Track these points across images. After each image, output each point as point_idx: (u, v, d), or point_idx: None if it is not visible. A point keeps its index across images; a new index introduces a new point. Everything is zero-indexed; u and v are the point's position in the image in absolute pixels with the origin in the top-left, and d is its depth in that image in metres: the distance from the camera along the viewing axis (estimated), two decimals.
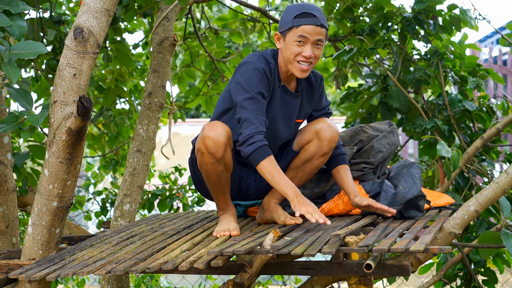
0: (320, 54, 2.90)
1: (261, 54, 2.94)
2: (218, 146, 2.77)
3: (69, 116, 2.59)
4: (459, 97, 4.28)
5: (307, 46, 2.85)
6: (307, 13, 2.84)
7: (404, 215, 3.01)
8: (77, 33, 2.58)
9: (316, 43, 2.86)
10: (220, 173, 2.86)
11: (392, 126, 3.42)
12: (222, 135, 2.78)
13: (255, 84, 2.82)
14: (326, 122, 3.00)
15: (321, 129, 2.98)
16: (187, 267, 2.37)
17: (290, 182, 2.73)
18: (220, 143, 2.78)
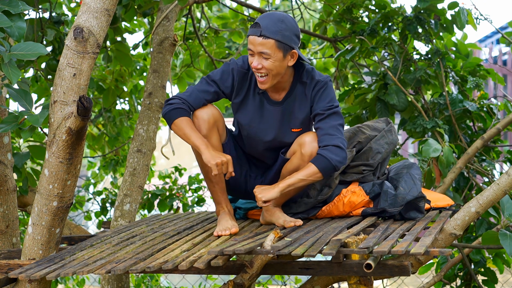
0: (273, 66, 2.81)
1: (247, 61, 2.95)
2: (201, 122, 2.89)
3: (69, 116, 2.59)
4: (459, 97, 4.28)
5: (254, 56, 2.82)
6: (255, 23, 2.80)
7: (404, 216, 3.01)
8: (77, 33, 2.58)
9: (262, 55, 2.80)
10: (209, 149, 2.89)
11: (390, 125, 3.41)
12: (206, 113, 2.90)
13: (215, 74, 2.95)
14: (310, 136, 2.93)
15: (303, 143, 2.93)
16: (187, 266, 2.37)
17: (201, 137, 2.83)
18: (204, 119, 2.90)
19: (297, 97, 2.98)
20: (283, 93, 2.98)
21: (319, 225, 2.93)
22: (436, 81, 4.43)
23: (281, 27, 2.78)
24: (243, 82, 2.95)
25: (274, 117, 2.99)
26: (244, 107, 2.99)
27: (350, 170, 3.23)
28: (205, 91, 2.94)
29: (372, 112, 4.45)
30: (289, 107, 2.98)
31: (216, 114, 2.93)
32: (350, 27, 4.78)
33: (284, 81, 2.94)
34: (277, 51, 2.78)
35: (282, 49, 2.79)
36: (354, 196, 3.10)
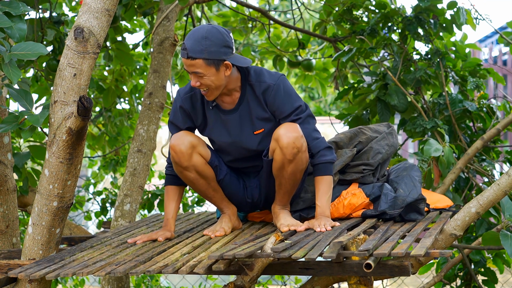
0: (209, 81, 2.83)
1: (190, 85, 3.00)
2: (180, 155, 2.92)
3: (69, 116, 2.59)
4: (459, 97, 4.28)
5: (191, 76, 2.87)
6: (183, 44, 2.85)
7: (404, 218, 3.02)
8: (77, 33, 2.58)
9: (196, 75, 2.84)
10: (194, 180, 2.98)
11: (391, 128, 3.42)
12: (184, 145, 2.91)
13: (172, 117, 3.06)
14: (283, 128, 2.88)
15: (279, 136, 2.87)
16: (187, 271, 2.37)
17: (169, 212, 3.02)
18: (182, 152, 2.91)
19: (249, 99, 2.98)
20: (235, 98, 2.99)
21: None
22: (436, 81, 4.43)
23: (205, 45, 2.80)
24: (193, 106, 3.01)
25: (233, 124, 3.00)
26: (206, 125, 3.04)
27: (350, 169, 3.23)
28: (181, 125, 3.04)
29: (372, 113, 4.45)
30: (245, 111, 2.99)
31: (192, 141, 2.94)
32: (350, 27, 4.77)
33: (232, 89, 2.96)
34: (208, 68, 2.82)
35: (213, 64, 2.82)
36: (354, 198, 3.10)
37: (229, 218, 3.06)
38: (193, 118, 3.03)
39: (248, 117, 2.99)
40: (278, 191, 3.01)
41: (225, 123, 3.01)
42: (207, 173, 3.00)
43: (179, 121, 3.03)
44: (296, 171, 2.92)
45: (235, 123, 3.00)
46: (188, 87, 3.02)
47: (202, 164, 2.96)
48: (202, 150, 2.97)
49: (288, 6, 14.97)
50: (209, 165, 3.00)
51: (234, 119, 2.99)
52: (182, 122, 3.03)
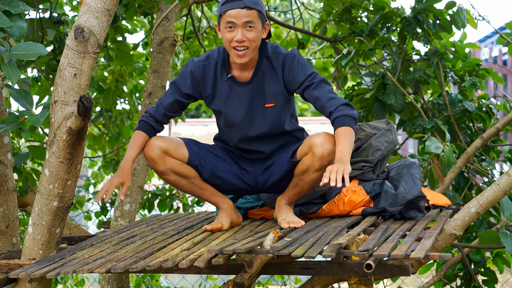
0: (256, 37, 2.87)
1: (207, 53, 3.03)
2: (152, 161, 2.98)
3: (69, 116, 2.59)
4: (459, 97, 4.28)
5: (237, 30, 2.86)
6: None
7: (404, 216, 3.02)
8: (77, 33, 2.58)
9: (246, 25, 2.85)
10: (175, 182, 3.04)
11: (390, 125, 3.42)
12: (153, 152, 2.96)
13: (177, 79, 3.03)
14: (320, 137, 2.86)
15: (313, 144, 2.86)
16: (188, 265, 2.37)
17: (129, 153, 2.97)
18: (153, 158, 2.95)
19: (265, 72, 2.99)
20: (251, 71, 2.99)
21: (319, 224, 2.93)
22: (436, 81, 4.43)
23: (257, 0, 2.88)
24: (205, 75, 2.99)
25: (246, 97, 2.99)
26: (215, 96, 3.01)
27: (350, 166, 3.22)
28: (169, 104, 3.04)
29: (370, 112, 4.45)
30: (259, 84, 2.99)
31: (161, 146, 2.96)
32: (349, 27, 4.78)
33: (252, 59, 2.96)
34: (258, 22, 2.88)
35: (261, 20, 2.90)
36: (355, 195, 3.10)
37: (226, 213, 3.06)
38: (201, 87, 3.01)
39: (261, 90, 3.00)
40: (292, 189, 3.02)
41: (239, 95, 2.99)
42: (187, 173, 3.02)
43: (184, 84, 3.01)
44: (318, 179, 2.93)
45: (248, 96, 2.99)
46: (203, 57, 3.01)
47: (178, 165, 2.99)
48: (176, 153, 2.98)
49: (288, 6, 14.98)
50: (188, 165, 3.01)
51: (248, 92, 2.99)
52: (186, 87, 3.00)
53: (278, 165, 3.06)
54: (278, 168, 3.06)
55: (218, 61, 2.98)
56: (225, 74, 2.98)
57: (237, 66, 2.97)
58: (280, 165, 3.05)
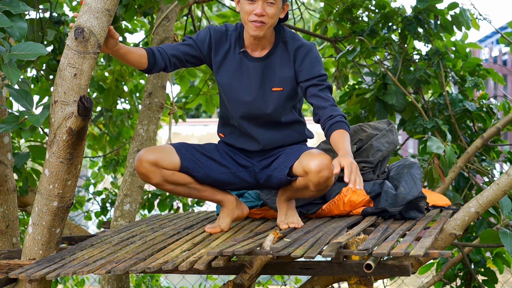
0: (275, 13, 2.87)
1: (225, 24, 3.05)
2: (144, 177, 2.93)
3: (69, 116, 2.59)
4: (459, 97, 4.28)
5: (257, 3, 2.85)
6: None
7: (404, 216, 3.02)
8: (78, 33, 2.58)
9: (267, 1, 2.85)
10: (172, 190, 3.01)
11: (391, 125, 3.42)
12: (143, 167, 2.90)
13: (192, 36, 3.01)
14: (316, 165, 2.75)
15: (309, 171, 2.77)
16: (187, 267, 2.37)
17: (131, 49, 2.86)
18: (144, 174, 2.92)
19: (278, 55, 2.99)
20: (265, 51, 2.99)
21: (319, 224, 2.93)
22: (436, 81, 4.43)
23: None
24: (221, 42, 2.99)
25: (255, 74, 2.97)
26: (224, 67, 3.00)
27: None
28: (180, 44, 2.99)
29: (371, 112, 4.45)
30: (271, 65, 2.98)
31: (150, 160, 2.90)
32: (350, 26, 4.78)
33: (267, 37, 2.96)
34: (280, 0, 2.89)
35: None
36: (355, 195, 3.10)
37: (227, 211, 3.04)
38: (212, 51, 3.00)
39: (272, 71, 2.98)
40: (292, 192, 2.99)
41: (248, 70, 2.97)
42: (182, 180, 2.98)
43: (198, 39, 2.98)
44: (313, 196, 2.94)
45: (258, 73, 2.97)
46: (222, 26, 3.02)
47: (171, 175, 2.95)
48: (166, 163, 2.93)
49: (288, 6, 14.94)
50: (181, 172, 2.97)
51: (258, 68, 2.97)
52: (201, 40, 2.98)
53: (277, 171, 3.00)
54: (277, 175, 3.00)
55: (234, 34, 2.99)
56: (238, 48, 2.98)
57: (251, 42, 2.96)
58: (279, 173, 2.99)
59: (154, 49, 2.92)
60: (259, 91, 2.98)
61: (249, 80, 2.97)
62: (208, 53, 3.00)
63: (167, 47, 2.96)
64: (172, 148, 2.98)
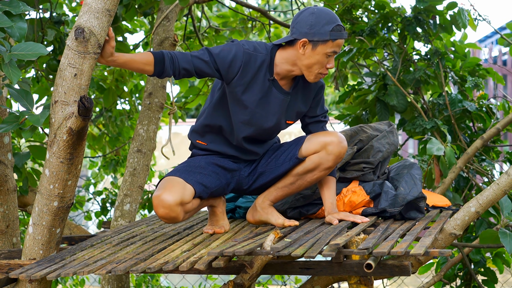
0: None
1: (256, 43, 2.92)
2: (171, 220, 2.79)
3: (70, 116, 2.59)
4: (459, 97, 4.28)
5: (332, 58, 2.85)
6: (340, 26, 2.83)
7: (404, 216, 3.02)
8: (78, 33, 2.58)
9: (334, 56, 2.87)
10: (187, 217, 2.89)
11: (392, 126, 3.43)
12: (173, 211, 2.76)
13: (219, 49, 2.83)
14: (336, 136, 2.94)
15: (330, 143, 2.92)
16: (188, 267, 2.37)
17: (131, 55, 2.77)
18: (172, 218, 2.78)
19: (300, 89, 2.99)
20: (290, 83, 2.97)
21: (319, 225, 2.93)
22: (436, 81, 4.43)
23: None
24: (249, 64, 2.86)
25: (281, 105, 2.95)
26: (251, 89, 2.91)
27: (351, 167, 3.23)
28: (198, 61, 2.83)
29: (372, 113, 4.45)
30: (294, 99, 2.98)
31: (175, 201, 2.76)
32: (349, 27, 4.78)
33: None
34: None
35: None
36: (355, 196, 3.10)
37: (223, 211, 3.04)
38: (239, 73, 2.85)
39: (293, 106, 2.99)
40: (282, 190, 3.02)
41: (276, 101, 2.93)
42: (195, 204, 2.91)
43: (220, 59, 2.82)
44: (319, 178, 3.00)
45: (283, 105, 2.95)
46: (251, 46, 2.87)
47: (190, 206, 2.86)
48: (187, 197, 2.82)
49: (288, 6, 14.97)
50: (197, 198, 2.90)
51: (284, 101, 2.95)
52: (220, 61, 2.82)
53: (270, 167, 3.03)
54: (271, 169, 3.03)
55: (266, 59, 2.89)
56: (269, 74, 2.90)
57: (283, 74, 2.91)
58: (274, 167, 3.02)
59: (166, 56, 2.78)
60: (279, 121, 2.99)
61: (274, 111, 2.95)
62: (230, 74, 2.86)
63: (182, 57, 2.80)
64: (180, 180, 2.85)
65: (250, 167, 3.09)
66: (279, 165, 3.03)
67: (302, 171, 2.98)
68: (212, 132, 3.03)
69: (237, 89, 2.89)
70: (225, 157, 3.05)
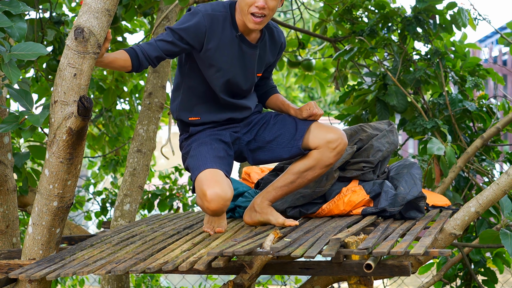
0: (275, 6, 2.83)
1: (213, 3, 2.91)
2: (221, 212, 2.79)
3: (69, 116, 2.59)
4: (459, 97, 4.28)
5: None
6: None
7: (404, 216, 3.02)
8: (77, 33, 2.58)
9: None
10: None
11: (392, 126, 3.42)
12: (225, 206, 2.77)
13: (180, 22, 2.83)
14: (339, 134, 2.94)
15: (334, 140, 2.93)
16: (188, 267, 2.37)
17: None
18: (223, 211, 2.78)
19: (267, 41, 3.00)
20: (256, 36, 2.96)
21: (319, 224, 2.93)
22: (436, 81, 4.43)
23: None
24: (213, 26, 2.86)
25: (252, 61, 2.96)
26: (222, 51, 2.89)
27: (350, 166, 3.23)
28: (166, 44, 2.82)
29: (372, 113, 4.45)
30: (262, 51, 2.99)
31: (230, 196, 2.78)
32: (350, 27, 4.78)
33: None
34: None
35: None
36: (355, 195, 3.10)
37: None
38: (206, 39, 2.84)
39: (262, 58, 3.00)
40: (281, 188, 3.02)
41: (245, 56, 2.94)
42: None
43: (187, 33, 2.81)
44: (319, 175, 3.01)
45: (254, 60, 2.96)
46: (208, 7, 2.86)
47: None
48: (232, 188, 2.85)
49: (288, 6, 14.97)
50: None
51: (254, 55, 2.95)
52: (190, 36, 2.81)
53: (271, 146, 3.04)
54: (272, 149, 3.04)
55: (227, 17, 2.88)
56: (234, 31, 2.90)
57: (244, 27, 2.90)
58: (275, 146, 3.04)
59: (137, 50, 2.78)
60: (253, 76, 3.00)
61: (247, 66, 2.96)
62: (200, 43, 2.86)
63: (149, 47, 2.80)
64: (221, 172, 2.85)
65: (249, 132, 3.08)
66: (281, 147, 3.01)
67: (304, 169, 2.97)
68: (198, 103, 3.02)
69: (208, 53, 2.88)
70: (222, 125, 3.04)
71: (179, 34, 2.82)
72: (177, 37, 2.82)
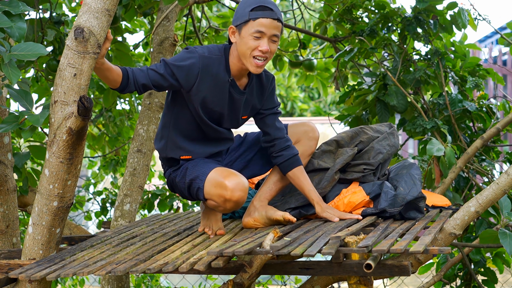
0: (276, 49, 2.86)
1: (209, 46, 2.91)
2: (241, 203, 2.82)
3: (69, 116, 2.59)
4: (459, 97, 4.28)
5: (263, 40, 2.81)
6: (264, 6, 2.81)
7: (404, 216, 3.02)
8: (77, 33, 2.58)
9: (273, 38, 2.83)
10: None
11: (393, 128, 3.42)
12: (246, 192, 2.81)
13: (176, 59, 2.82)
14: (310, 125, 3.12)
15: (310, 130, 3.11)
16: (188, 268, 2.37)
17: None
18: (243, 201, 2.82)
19: (254, 86, 3.00)
20: (245, 80, 2.98)
21: (319, 224, 2.93)
22: (436, 81, 4.43)
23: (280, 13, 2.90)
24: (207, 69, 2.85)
25: (239, 106, 2.98)
26: (213, 94, 2.89)
27: (351, 168, 3.23)
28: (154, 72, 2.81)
29: (372, 113, 4.45)
30: (249, 96, 3.00)
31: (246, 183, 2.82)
32: (350, 27, 4.78)
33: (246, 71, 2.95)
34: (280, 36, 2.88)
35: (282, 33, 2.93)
36: (354, 196, 3.10)
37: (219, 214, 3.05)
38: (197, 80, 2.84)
39: (248, 103, 3.01)
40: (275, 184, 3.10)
41: (235, 102, 2.95)
42: None
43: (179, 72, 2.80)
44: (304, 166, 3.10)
45: (241, 105, 2.98)
46: (205, 50, 2.86)
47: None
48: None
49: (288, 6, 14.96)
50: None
51: (241, 101, 2.97)
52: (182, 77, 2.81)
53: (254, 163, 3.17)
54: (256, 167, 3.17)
55: (222, 61, 2.89)
56: (227, 75, 2.90)
57: (239, 72, 2.92)
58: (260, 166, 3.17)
59: (130, 72, 2.78)
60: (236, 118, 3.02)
61: (235, 111, 2.99)
62: (189, 84, 2.85)
63: (140, 75, 2.78)
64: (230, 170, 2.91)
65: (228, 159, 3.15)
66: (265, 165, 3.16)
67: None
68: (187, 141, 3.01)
69: (198, 94, 2.88)
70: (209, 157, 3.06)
71: (172, 69, 2.81)
72: (169, 72, 2.81)
